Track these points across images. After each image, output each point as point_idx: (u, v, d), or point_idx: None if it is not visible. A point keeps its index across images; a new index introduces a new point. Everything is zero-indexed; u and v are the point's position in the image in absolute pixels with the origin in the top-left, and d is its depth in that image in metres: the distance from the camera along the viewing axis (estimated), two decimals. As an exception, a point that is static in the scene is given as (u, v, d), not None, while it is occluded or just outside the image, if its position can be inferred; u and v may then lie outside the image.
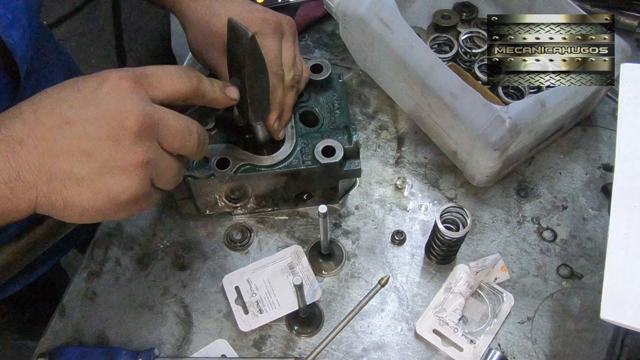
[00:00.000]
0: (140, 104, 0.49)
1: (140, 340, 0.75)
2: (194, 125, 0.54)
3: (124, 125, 0.48)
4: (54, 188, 0.47)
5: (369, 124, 0.91)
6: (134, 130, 0.48)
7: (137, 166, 0.49)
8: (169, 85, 0.53)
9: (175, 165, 0.53)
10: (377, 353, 0.73)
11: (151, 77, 0.52)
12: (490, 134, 0.73)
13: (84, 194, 0.48)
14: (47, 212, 0.49)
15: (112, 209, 0.50)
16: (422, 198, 0.84)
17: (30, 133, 0.47)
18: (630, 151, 0.61)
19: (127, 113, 0.48)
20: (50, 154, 0.47)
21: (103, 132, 0.47)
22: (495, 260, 0.76)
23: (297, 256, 0.79)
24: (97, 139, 0.47)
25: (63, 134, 0.47)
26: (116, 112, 0.48)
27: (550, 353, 0.73)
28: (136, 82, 0.50)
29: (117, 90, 0.49)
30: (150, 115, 0.49)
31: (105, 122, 0.47)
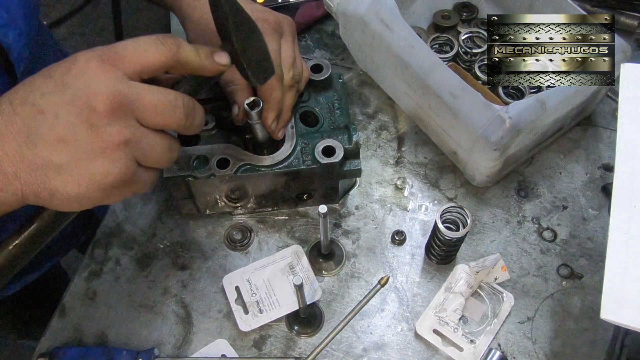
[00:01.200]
0: (110, 83, 0.47)
1: (140, 340, 0.75)
2: (179, 98, 0.51)
3: (93, 107, 0.46)
4: (36, 178, 0.47)
5: (369, 124, 0.91)
6: (104, 112, 0.46)
7: (114, 148, 0.47)
8: (144, 57, 0.50)
9: (161, 141, 0.51)
10: (377, 353, 0.73)
11: (122, 52, 0.49)
12: (491, 134, 0.73)
13: (66, 181, 0.47)
14: (35, 202, 0.49)
15: (99, 194, 0.49)
16: (422, 198, 0.84)
17: (7, 124, 0.46)
18: (630, 151, 0.61)
19: (95, 94, 0.46)
20: (28, 144, 0.46)
21: (74, 117, 0.46)
22: (495, 260, 0.76)
23: (297, 256, 0.79)
24: (70, 125, 0.46)
25: (37, 123, 0.46)
26: (84, 95, 0.46)
27: (550, 353, 0.73)
28: (105, 60, 0.48)
29: (86, 72, 0.47)
30: (122, 93, 0.47)
31: (75, 107, 0.46)
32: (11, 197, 0.47)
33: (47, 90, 0.47)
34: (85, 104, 0.46)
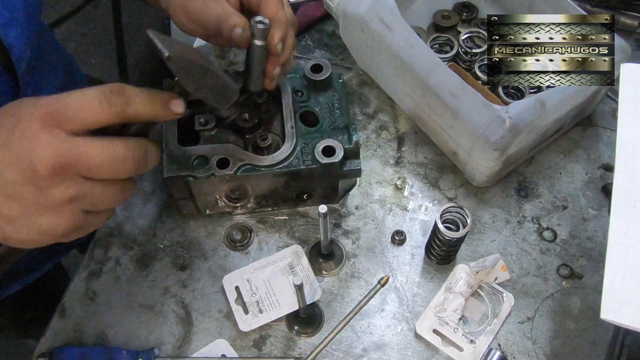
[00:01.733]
0: (53, 145, 0.47)
1: (140, 340, 0.75)
2: (129, 150, 0.50)
3: (36, 169, 0.47)
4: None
5: (369, 124, 0.91)
6: (47, 174, 0.47)
7: (61, 205, 0.49)
8: (88, 116, 0.49)
9: (111, 190, 0.51)
10: (377, 353, 0.73)
11: (66, 111, 0.48)
12: (491, 133, 0.73)
13: (19, 230, 0.49)
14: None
15: (50, 239, 0.51)
16: (422, 198, 0.84)
17: None
18: (630, 151, 0.61)
19: (38, 157, 0.47)
20: None
21: (19, 177, 0.47)
22: (495, 260, 0.76)
23: (297, 256, 0.79)
24: (17, 184, 0.47)
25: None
26: (27, 156, 0.47)
27: (550, 353, 0.73)
28: (47, 121, 0.48)
29: (29, 133, 0.47)
30: (64, 155, 0.47)
31: (20, 168, 0.47)
32: None
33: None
34: (28, 166, 0.47)
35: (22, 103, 0.49)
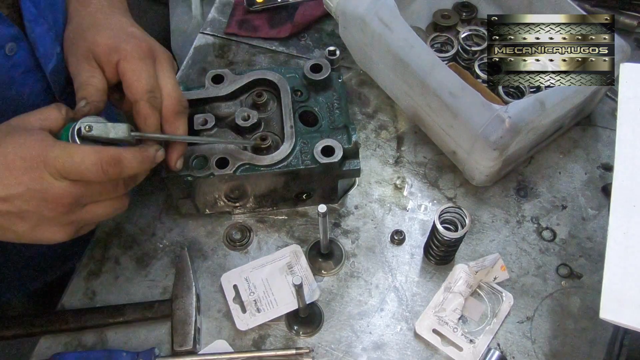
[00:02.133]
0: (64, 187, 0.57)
1: (140, 340, 0.75)
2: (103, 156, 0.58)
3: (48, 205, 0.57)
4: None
5: (368, 124, 0.91)
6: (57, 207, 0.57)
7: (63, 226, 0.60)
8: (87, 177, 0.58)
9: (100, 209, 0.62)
10: (377, 352, 0.73)
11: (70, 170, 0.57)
12: (490, 133, 0.73)
13: (22, 238, 0.59)
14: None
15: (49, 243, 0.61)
16: (421, 198, 0.84)
17: None
18: (630, 151, 0.61)
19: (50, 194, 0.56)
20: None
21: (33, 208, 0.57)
22: (494, 259, 0.76)
23: (295, 256, 0.79)
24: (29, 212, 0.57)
25: (1, 206, 0.56)
26: (41, 195, 0.56)
27: (550, 352, 0.73)
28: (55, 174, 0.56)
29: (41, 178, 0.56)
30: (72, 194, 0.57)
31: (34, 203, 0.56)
32: None
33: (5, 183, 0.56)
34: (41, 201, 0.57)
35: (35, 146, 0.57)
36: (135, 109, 0.63)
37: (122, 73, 0.64)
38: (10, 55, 0.66)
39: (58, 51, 0.71)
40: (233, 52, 0.99)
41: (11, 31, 0.65)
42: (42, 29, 0.68)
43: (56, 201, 0.57)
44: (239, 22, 1.02)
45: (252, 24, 1.01)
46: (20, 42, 0.66)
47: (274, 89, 0.79)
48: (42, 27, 0.68)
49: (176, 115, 0.66)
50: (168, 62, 0.68)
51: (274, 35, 1.00)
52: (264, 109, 0.78)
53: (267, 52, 0.99)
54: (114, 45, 0.65)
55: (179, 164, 0.69)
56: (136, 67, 0.64)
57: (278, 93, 0.78)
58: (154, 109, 0.64)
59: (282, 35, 1.00)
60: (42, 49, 0.69)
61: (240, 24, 1.01)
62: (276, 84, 0.78)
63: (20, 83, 0.69)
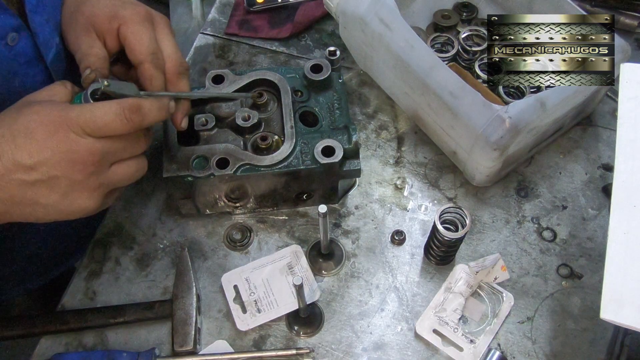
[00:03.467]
0: (86, 145, 0.57)
1: (140, 341, 0.75)
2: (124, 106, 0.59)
3: (75, 166, 0.57)
4: (24, 212, 0.59)
5: (368, 124, 0.91)
6: (85, 168, 0.57)
7: (93, 191, 0.59)
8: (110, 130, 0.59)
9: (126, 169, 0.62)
10: (377, 353, 0.73)
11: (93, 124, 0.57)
12: (490, 133, 0.73)
13: (50, 214, 0.59)
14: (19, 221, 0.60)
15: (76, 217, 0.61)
16: (422, 198, 0.84)
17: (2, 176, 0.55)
18: (630, 151, 0.61)
19: (76, 156, 0.57)
20: (19, 191, 0.56)
21: (61, 172, 0.57)
22: (495, 260, 0.76)
23: (296, 256, 0.79)
24: (57, 178, 0.57)
25: (30, 176, 0.56)
26: (68, 158, 0.56)
27: (550, 353, 0.73)
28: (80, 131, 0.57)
29: (66, 141, 0.56)
30: (98, 151, 0.58)
31: (62, 166, 0.56)
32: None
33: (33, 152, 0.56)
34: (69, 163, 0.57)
35: (53, 110, 0.57)
36: (140, 70, 0.65)
37: (124, 37, 0.66)
38: (12, 45, 0.66)
39: (57, 42, 0.71)
40: (233, 53, 0.99)
41: (13, 21, 0.65)
42: (41, 18, 0.68)
43: (84, 160, 0.57)
44: (239, 22, 1.02)
45: (252, 25, 1.01)
46: (22, 32, 0.67)
47: (275, 89, 0.79)
48: (42, 17, 0.68)
49: (179, 76, 0.68)
50: (166, 26, 0.70)
51: (274, 35, 1.00)
52: (264, 109, 0.78)
53: (268, 53, 0.99)
54: (113, 13, 0.66)
55: (184, 123, 0.70)
56: (137, 30, 0.66)
57: (278, 93, 0.78)
58: (158, 70, 0.66)
59: (282, 36, 1.00)
60: (42, 37, 0.69)
61: (241, 25, 1.01)
62: (276, 84, 0.78)
63: (22, 74, 0.69)
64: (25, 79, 0.69)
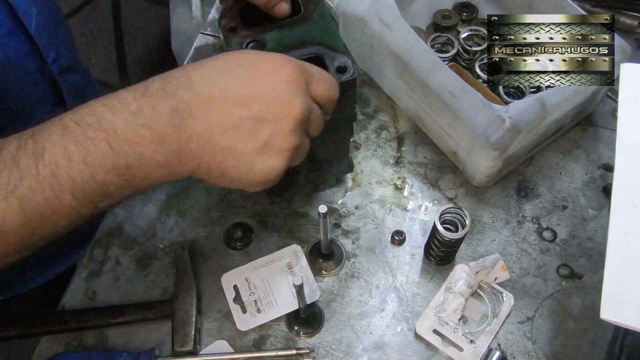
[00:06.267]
0: (305, 98, 0.54)
1: (140, 341, 0.75)
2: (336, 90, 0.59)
3: (289, 114, 0.53)
4: (215, 159, 0.51)
5: (368, 124, 0.91)
6: (296, 121, 0.53)
7: (288, 150, 0.54)
8: (326, 91, 0.57)
9: (308, 144, 0.59)
10: (377, 353, 0.73)
11: (315, 78, 0.56)
12: (490, 133, 0.73)
13: (240, 167, 0.53)
14: (202, 177, 0.53)
15: (257, 183, 0.55)
16: (422, 198, 0.84)
17: (203, 106, 0.50)
18: (630, 151, 0.61)
19: (294, 104, 0.53)
20: (220, 129, 0.51)
21: (271, 117, 0.52)
22: (495, 260, 0.76)
23: (295, 256, 0.79)
24: (264, 121, 0.52)
25: (236, 112, 0.51)
26: (286, 101, 0.52)
27: (550, 353, 0.73)
28: (303, 78, 0.54)
29: (290, 81, 0.53)
30: (310, 108, 0.55)
31: (275, 109, 0.52)
32: (186, 171, 0.52)
33: (250, 85, 0.52)
34: (285, 109, 0.53)
35: (273, 54, 0.55)
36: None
37: None
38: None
39: (35, 13, 0.70)
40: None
41: None
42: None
43: (295, 114, 0.53)
44: (239, 22, 1.02)
45: (252, 24, 1.01)
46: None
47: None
48: None
49: None
50: None
51: (275, 35, 1.00)
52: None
53: (268, 53, 0.99)
54: None
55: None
56: None
57: None
58: None
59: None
60: (21, 8, 0.69)
61: (241, 25, 1.01)
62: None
63: (4, 45, 0.68)
64: (7, 51, 0.68)
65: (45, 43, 0.74)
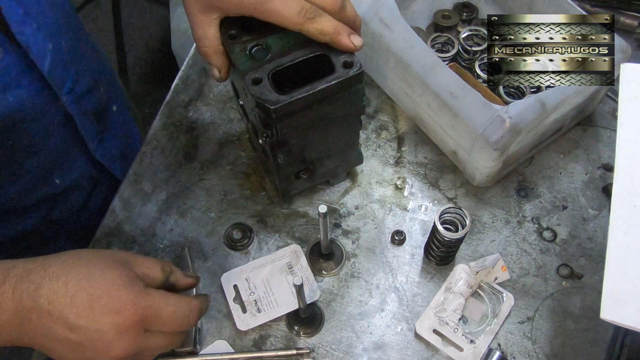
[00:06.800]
0: (132, 342, 0.56)
1: (140, 340, 0.75)
2: (193, 307, 0.61)
3: (109, 355, 0.56)
4: (45, 351, 0.57)
5: (369, 124, 0.91)
6: (115, 358, 0.56)
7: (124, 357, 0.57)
8: (169, 327, 0.60)
9: (164, 341, 0.61)
10: (377, 353, 0.73)
11: (156, 320, 0.58)
12: (491, 133, 0.73)
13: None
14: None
15: None
16: (422, 198, 0.84)
17: (40, 317, 0.54)
18: (630, 151, 0.61)
19: (117, 348, 0.56)
20: (48, 338, 0.55)
21: (91, 349, 0.55)
22: (495, 260, 0.76)
23: (295, 256, 0.79)
24: (85, 348, 0.56)
25: (62, 333, 0.55)
26: (110, 343, 0.56)
27: (550, 353, 0.73)
28: (140, 323, 0.56)
29: (121, 329, 0.55)
30: (137, 349, 0.57)
31: (98, 344, 0.55)
32: (5, 342, 0.57)
33: (82, 317, 0.55)
34: (104, 346, 0.56)
35: (124, 291, 0.56)
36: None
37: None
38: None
39: (50, 48, 0.70)
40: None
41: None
42: (31, 28, 0.67)
43: (115, 354, 0.56)
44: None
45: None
46: (7, 46, 0.66)
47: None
48: (31, 27, 0.68)
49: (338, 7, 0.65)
50: None
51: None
52: None
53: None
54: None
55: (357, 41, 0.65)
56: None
57: None
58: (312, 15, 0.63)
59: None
60: (35, 48, 0.68)
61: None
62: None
63: (15, 86, 0.68)
64: (19, 91, 0.69)
65: (61, 75, 0.74)
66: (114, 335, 0.55)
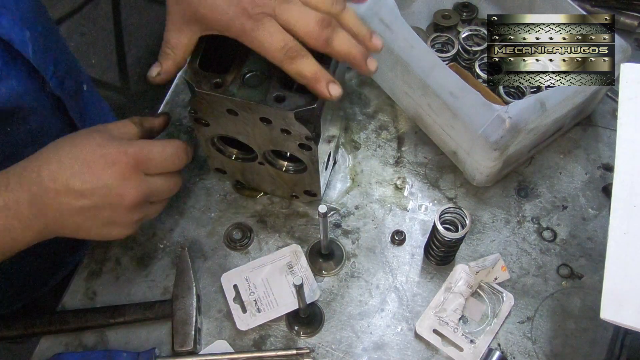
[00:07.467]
0: (138, 183, 0.63)
1: (140, 340, 0.75)
2: (177, 146, 0.67)
3: (122, 201, 0.62)
4: (68, 231, 0.64)
5: (368, 124, 0.91)
6: (130, 204, 0.63)
7: (130, 223, 0.66)
8: (165, 167, 0.66)
9: (166, 186, 0.68)
10: (377, 353, 0.73)
11: (151, 161, 0.64)
12: (490, 133, 0.73)
13: (91, 235, 0.65)
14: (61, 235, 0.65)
15: (110, 240, 0.73)
16: (422, 198, 0.84)
17: (51, 199, 0.60)
18: (630, 151, 0.61)
19: (127, 193, 0.62)
20: (67, 214, 0.61)
21: (107, 204, 0.62)
22: (495, 260, 0.76)
23: (295, 256, 0.79)
24: (102, 208, 0.62)
25: (77, 203, 0.60)
26: (119, 191, 0.62)
27: (550, 353, 0.73)
28: (136, 168, 0.62)
29: (121, 175, 0.61)
30: (146, 190, 0.64)
31: (110, 198, 0.61)
32: (47, 237, 0.63)
33: (88, 180, 0.60)
34: (119, 198, 0.62)
35: (111, 146, 0.62)
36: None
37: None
38: None
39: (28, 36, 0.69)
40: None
41: None
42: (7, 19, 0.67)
43: (129, 198, 0.62)
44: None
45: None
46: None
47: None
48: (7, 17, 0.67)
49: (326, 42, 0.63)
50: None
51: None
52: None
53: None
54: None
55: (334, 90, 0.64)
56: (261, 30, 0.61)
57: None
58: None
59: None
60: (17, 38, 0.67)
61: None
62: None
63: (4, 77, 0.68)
64: (10, 82, 0.69)
65: (44, 60, 0.73)
66: (119, 184, 0.61)
